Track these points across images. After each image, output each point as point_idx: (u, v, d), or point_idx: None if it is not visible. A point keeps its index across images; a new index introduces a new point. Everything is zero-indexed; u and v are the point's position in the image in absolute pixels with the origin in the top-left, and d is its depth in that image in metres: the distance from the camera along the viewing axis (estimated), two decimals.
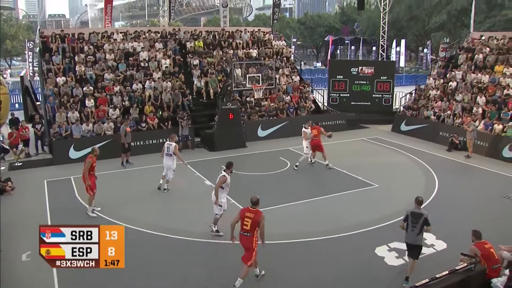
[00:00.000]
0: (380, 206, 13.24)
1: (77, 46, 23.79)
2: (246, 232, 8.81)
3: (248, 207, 9.00)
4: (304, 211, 13.03)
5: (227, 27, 30.70)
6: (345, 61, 43.54)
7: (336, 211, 13.00)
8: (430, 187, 15.07)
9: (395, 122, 24.70)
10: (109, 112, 20.37)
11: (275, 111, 23.40)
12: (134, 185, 15.60)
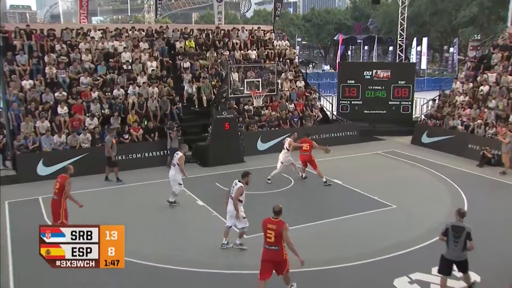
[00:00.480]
0: (398, 230, 13.22)
1: (47, 44, 23.59)
2: (272, 245, 9.23)
3: (269, 218, 9.36)
4: (310, 235, 12.96)
5: (222, 24, 30.92)
6: (357, 64, 43.76)
7: (348, 235, 12.96)
8: (458, 208, 14.85)
9: (416, 134, 24.77)
10: (85, 121, 20.36)
11: (277, 121, 23.47)
12: (115, 207, 15.53)
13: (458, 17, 61.64)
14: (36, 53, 22.94)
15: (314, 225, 13.68)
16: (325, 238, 12.83)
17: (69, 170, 12.40)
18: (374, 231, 13.23)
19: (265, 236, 9.32)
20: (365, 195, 16.27)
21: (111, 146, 17.70)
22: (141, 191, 16.95)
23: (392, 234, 12.93)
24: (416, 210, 14.85)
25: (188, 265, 11.17)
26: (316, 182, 17.78)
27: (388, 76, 27.03)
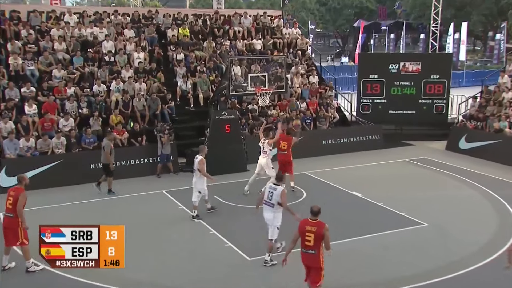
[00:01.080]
0: (429, 253, 13.18)
1: (9, 29, 23.43)
2: (309, 249, 10.01)
3: (307, 219, 10.15)
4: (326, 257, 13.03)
5: (222, 9, 31.13)
6: (381, 55, 43.79)
7: (370, 258, 13.01)
8: (506, 229, 14.76)
9: (452, 138, 24.85)
10: (59, 122, 20.35)
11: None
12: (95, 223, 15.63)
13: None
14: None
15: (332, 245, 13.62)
16: (341, 261, 12.76)
17: (24, 181, 12.04)
18: (400, 254, 13.25)
19: (302, 239, 10.07)
20: (390, 210, 16.34)
21: (110, 151, 17.81)
22: (126, 205, 17.05)
23: (421, 259, 12.91)
24: (452, 229, 14.84)
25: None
26: (331, 195, 17.89)
27: (419, 70, 27.12)
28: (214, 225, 14.92)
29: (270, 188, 12.40)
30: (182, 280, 11.79)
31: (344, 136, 24.55)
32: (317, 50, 42.60)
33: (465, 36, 53.91)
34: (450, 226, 15.11)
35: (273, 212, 12.36)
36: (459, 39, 53.72)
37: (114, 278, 11.62)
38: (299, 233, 10.12)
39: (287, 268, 12.29)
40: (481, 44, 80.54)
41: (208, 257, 13.16)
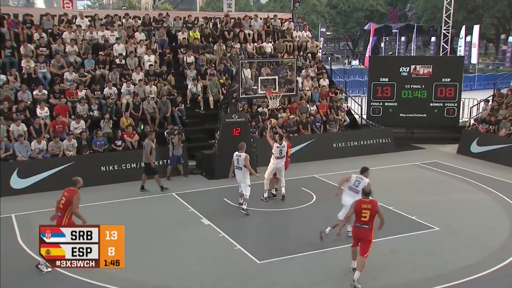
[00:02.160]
0: (441, 258, 13.11)
1: (22, 32, 23.62)
2: (364, 224, 11.57)
3: (361, 199, 11.72)
4: (336, 261, 13.01)
5: (232, 12, 31.13)
6: (391, 58, 43.81)
7: (382, 262, 12.89)
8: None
9: (463, 141, 24.73)
10: (70, 125, 20.41)
11: (296, 126, 23.59)
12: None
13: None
14: (9, 43, 22.65)
15: (343, 248, 13.64)
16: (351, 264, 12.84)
17: (78, 184, 12.48)
18: (411, 258, 13.17)
19: (358, 216, 11.59)
20: (401, 214, 16.24)
21: (150, 151, 18.09)
22: (136, 207, 17.04)
23: (433, 263, 12.85)
24: (464, 234, 14.74)
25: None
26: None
27: (430, 73, 26.98)
28: (223, 228, 14.86)
29: (360, 178, 13.78)
30: (191, 283, 11.71)
31: (354, 139, 24.46)
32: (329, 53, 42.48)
33: (477, 39, 53.74)
34: (462, 230, 14.99)
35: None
36: (470, 42, 53.57)
37: (123, 281, 11.61)
38: (355, 211, 11.58)
39: (295, 271, 12.35)
40: (493, 47, 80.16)
41: (217, 260, 13.11)
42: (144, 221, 15.77)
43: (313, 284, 11.80)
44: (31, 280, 11.72)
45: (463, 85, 28.67)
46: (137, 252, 13.45)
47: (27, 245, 13.53)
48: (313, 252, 13.40)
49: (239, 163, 15.90)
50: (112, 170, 19.68)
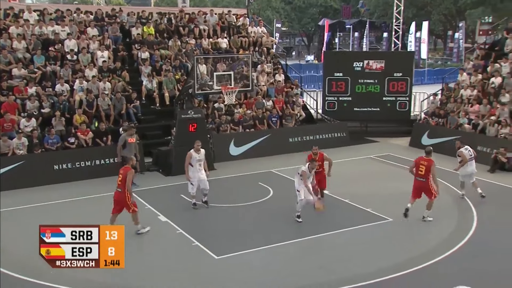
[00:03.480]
0: (395, 248, 13.30)
1: None
2: (421, 177, 14.72)
3: (421, 157, 14.84)
4: (294, 254, 13.07)
5: (187, 7, 30.96)
6: (345, 53, 44.06)
7: (337, 254, 13.04)
8: (465, 223, 15.03)
9: (415, 134, 25.12)
10: (20, 122, 19.96)
11: (252, 121, 23.59)
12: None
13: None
14: None
15: (300, 242, 13.74)
16: (309, 257, 12.90)
17: (131, 162, 14.33)
18: (367, 248, 13.31)
19: (416, 170, 14.80)
20: (356, 206, 16.40)
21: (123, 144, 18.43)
22: (92, 206, 16.74)
23: (388, 253, 13.01)
24: (416, 224, 14.94)
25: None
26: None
27: (382, 68, 27.29)
28: (180, 225, 14.78)
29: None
30: (149, 281, 11.58)
31: (310, 133, 24.56)
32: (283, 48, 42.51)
33: (426, 35, 54.74)
34: (414, 220, 15.18)
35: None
36: (420, 37, 54.47)
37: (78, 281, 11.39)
38: (415, 165, 14.86)
39: (253, 265, 12.35)
40: (442, 43, 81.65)
41: (175, 257, 13.04)
42: (99, 219, 15.30)
43: (271, 277, 11.80)
44: None
45: (414, 79, 29.08)
46: None
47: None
48: (270, 246, 13.42)
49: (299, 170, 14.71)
50: (65, 168, 19.36)
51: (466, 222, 15.12)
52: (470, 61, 28.32)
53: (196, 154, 15.40)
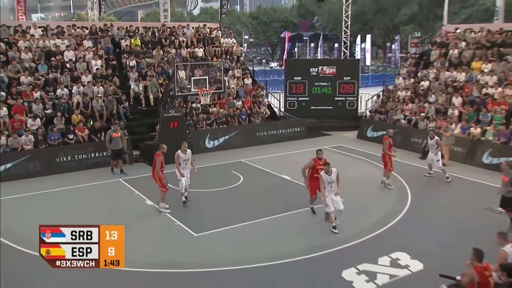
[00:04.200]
0: (347, 222, 13.30)
1: None
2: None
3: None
4: (260, 231, 13.03)
5: (168, 22, 30.63)
6: (303, 60, 44.07)
7: (297, 230, 13.05)
8: (402, 200, 15.38)
9: (361, 128, 25.25)
10: (27, 122, 19.72)
11: (225, 118, 23.46)
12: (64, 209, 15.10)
13: (399, 15, 63.42)
14: None
15: (266, 220, 13.72)
16: (276, 233, 12.87)
17: (162, 149, 14.46)
18: (323, 225, 13.31)
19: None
20: None
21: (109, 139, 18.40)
22: (88, 193, 16.56)
23: (344, 226, 13.04)
24: (362, 203, 15.10)
25: (138, 265, 10.96)
26: (265, 179, 17.91)
27: (334, 73, 27.35)
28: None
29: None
30: (137, 256, 11.39)
31: (274, 128, 24.56)
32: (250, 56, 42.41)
33: (369, 45, 55.50)
34: (361, 200, 15.36)
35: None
36: (365, 48, 55.06)
37: None
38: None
39: (227, 241, 12.30)
40: (382, 53, 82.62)
41: (160, 235, 12.97)
42: (96, 204, 15.41)
43: (243, 250, 11.82)
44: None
45: (360, 82, 29.20)
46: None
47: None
48: (240, 225, 13.38)
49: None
50: (66, 161, 19.10)
51: (402, 200, 15.40)
52: (405, 67, 28.62)
53: (183, 154, 14.85)
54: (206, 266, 10.98)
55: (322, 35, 70.02)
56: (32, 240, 11.97)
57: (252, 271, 10.83)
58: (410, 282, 10.29)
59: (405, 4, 62.50)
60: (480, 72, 23.66)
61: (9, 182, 17.10)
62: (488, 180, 17.24)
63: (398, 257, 11.24)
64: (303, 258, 11.38)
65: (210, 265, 11.02)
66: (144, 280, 10.50)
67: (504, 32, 25.61)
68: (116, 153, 18.69)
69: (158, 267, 11.00)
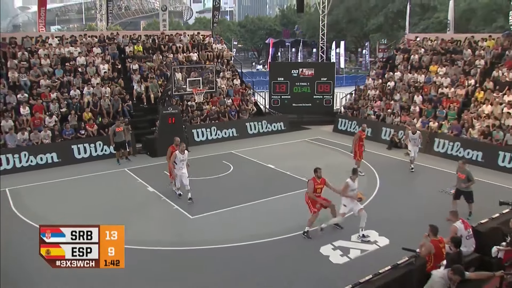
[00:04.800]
0: None
1: (9, 51, 22.56)
2: None
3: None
4: (250, 214, 13.03)
5: (167, 30, 30.33)
6: (285, 63, 44.05)
7: (280, 212, 13.05)
8: (372, 185, 15.45)
9: (336, 122, 25.14)
10: (45, 120, 19.58)
11: (216, 115, 23.34)
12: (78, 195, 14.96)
13: (368, 25, 63.88)
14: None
15: (253, 204, 13.71)
16: (262, 215, 12.90)
17: (175, 142, 14.33)
18: (303, 207, 13.20)
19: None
20: (295, 177, 16.39)
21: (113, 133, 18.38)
22: (96, 181, 16.46)
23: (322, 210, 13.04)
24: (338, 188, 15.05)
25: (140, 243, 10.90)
26: (252, 168, 17.88)
27: (312, 74, 27.29)
28: (164, 193, 14.61)
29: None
30: (139, 235, 11.34)
31: (260, 123, 24.45)
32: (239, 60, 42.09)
33: (343, 50, 55.49)
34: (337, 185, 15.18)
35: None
36: (339, 53, 55.04)
37: None
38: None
39: (220, 222, 12.28)
40: (354, 57, 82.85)
41: (160, 217, 12.90)
42: (104, 190, 15.34)
43: (233, 231, 11.80)
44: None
45: (336, 83, 29.14)
46: (97, 214, 12.97)
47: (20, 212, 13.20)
48: (231, 208, 13.37)
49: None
50: (78, 153, 18.98)
51: (372, 185, 15.47)
52: (374, 70, 28.65)
53: (180, 155, 13.93)
54: (200, 244, 10.97)
55: (302, 42, 69.85)
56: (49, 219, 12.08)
57: (240, 249, 10.83)
58: (378, 255, 10.35)
59: (373, 16, 63.09)
60: (436, 74, 23.86)
61: (31, 172, 17.25)
62: (443, 167, 17.46)
63: (368, 234, 11.29)
64: (286, 237, 11.40)
65: (203, 243, 11.01)
66: (145, 257, 10.44)
67: (455, 41, 26.13)
68: (120, 145, 18.71)
69: (158, 245, 10.98)
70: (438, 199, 13.94)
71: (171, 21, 74.74)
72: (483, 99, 20.68)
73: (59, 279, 9.24)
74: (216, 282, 9.46)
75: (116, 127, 18.63)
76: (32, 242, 10.60)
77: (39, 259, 7.10)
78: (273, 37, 77.81)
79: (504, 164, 17.35)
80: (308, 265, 10.05)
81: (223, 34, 69.74)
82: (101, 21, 45.60)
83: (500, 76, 21.41)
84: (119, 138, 18.60)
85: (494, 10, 46.72)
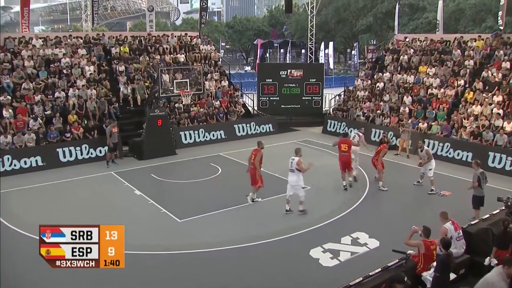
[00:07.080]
0: (313, 207, 13.39)
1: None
2: (345, 152, 15.16)
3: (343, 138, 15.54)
4: (238, 216, 13.03)
5: (154, 31, 30.25)
6: (274, 65, 44.12)
7: (269, 215, 13.07)
8: (361, 187, 15.54)
9: (325, 124, 25.26)
10: (29, 122, 19.34)
11: (204, 117, 23.30)
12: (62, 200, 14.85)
13: (357, 26, 63.86)
14: None
15: (241, 207, 13.72)
16: (251, 218, 12.91)
17: (261, 145, 14.11)
18: (295, 208, 13.27)
19: (340, 148, 15.13)
20: (283, 179, 16.15)
21: (110, 135, 18.39)
22: (82, 184, 16.30)
23: (311, 211, 13.14)
24: (326, 190, 15.24)
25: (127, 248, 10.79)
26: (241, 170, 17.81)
27: (301, 75, 27.30)
28: (151, 197, 14.55)
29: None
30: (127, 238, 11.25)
31: (249, 125, 24.45)
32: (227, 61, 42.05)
33: (332, 51, 55.76)
34: (325, 187, 15.46)
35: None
36: (328, 53, 55.24)
37: None
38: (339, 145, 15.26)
39: (207, 226, 12.25)
40: (343, 57, 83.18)
41: (148, 221, 12.84)
42: (90, 194, 15.20)
43: (222, 234, 11.78)
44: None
45: (324, 84, 29.22)
46: (83, 219, 12.81)
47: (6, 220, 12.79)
48: (220, 211, 13.35)
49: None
50: (63, 156, 18.79)
51: (362, 186, 15.64)
52: (363, 71, 28.75)
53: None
54: (189, 248, 10.94)
55: (291, 42, 70.15)
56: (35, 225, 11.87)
57: (230, 252, 10.81)
58: (368, 257, 10.39)
59: (362, 16, 63.11)
60: (426, 75, 24.04)
61: (15, 176, 16.99)
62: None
63: (358, 236, 11.38)
64: (276, 240, 11.42)
65: (192, 247, 10.99)
66: (134, 261, 10.33)
67: (444, 41, 26.30)
68: (115, 146, 18.73)
69: (146, 249, 10.90)
70: (429, 201, 14.05)
71: (158, 22, 74.52)
72: (472, 99, 20.87)
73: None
74: (203, 286, 9.43)
75: (112, 127, 18.55)
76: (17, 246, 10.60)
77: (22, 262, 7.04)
78: (261, 38, 77.91)
79: (494, 165, 17.50)
80: (297, 268, 10.06)
81: (211, 35, 69.64)
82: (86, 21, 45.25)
83: (489, 76, 21.61)
84: (114, 139, 18.62)
85: (483, 11, 47.19)
